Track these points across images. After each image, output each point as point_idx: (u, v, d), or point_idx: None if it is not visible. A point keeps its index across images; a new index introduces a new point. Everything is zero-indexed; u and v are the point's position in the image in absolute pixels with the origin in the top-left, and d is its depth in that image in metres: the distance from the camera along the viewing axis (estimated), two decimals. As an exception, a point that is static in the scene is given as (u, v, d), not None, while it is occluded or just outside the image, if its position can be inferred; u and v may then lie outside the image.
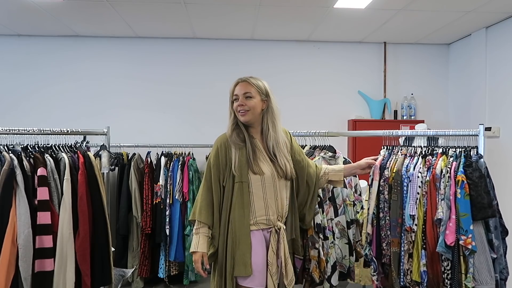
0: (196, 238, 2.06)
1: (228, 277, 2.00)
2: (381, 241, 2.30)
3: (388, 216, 2.28)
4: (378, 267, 2.35)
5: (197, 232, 2.07)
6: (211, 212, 2.06)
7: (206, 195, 2.08)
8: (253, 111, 2.07)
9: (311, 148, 2.78)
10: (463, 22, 3.95)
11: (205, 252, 2.05)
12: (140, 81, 4.61)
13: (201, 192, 2.11)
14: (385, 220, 2.29)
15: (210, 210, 2.06)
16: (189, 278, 3.91)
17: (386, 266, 2.31)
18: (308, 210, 2.27)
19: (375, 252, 2.33)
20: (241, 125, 2.11)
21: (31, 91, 4.52)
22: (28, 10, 3.68)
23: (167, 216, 3.76)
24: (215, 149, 2.11)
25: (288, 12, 3.73)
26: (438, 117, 4.76)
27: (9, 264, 2.16)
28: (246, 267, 1.97)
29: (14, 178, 2.23)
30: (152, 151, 4.05)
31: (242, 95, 2.08)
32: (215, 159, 2.09)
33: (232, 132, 2.10)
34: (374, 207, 2.33)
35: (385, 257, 2.28)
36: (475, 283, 2.00)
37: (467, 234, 1.96)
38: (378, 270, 2.35)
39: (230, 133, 2.10)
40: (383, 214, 2.30)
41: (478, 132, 2.21)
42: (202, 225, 2.06)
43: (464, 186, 2.00)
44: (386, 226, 2.28)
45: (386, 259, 2.27)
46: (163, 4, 3.55)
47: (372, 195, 2.35)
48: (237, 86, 2.11)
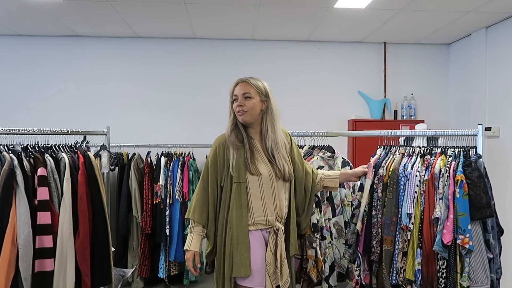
0: (190, 237, 2.08)
1: (226, 278, 2.01)
2: (371, 238, 2.30)
3: (381, 214, 2.29)
4: (364, 263, 2.36)
5: (191, 230, 2.08)
6: (206, 212, 2.07)
7: (202, 195, 2.09)
8: (252, 111, 2.07)
9: (310, 148, 2.78)
10: (463, 22, 3.95)
11: (197, 251, 2.07)
12: (140, 81, 4.61)
13: (197, 192, 2.12)
14: (377, 218, 2.29)
15: (205, 209, 2.07)
16: (189, 278, 3.91)
17: (375, 263, 2.32)
18: (305, 217, 2.27)
19: (362, 248, 2.35)
20: (240, 125, 2.11)
21: (31, 91, 4.52)
22: (28, 10, 3.69)
23: (167, 216, 3.76)
24: (213, 149, 2.12)
25: (288, 12, 3.73)
26: (438, 117, 4.76)
27: (9, 264, 2.17)
28: (245, 267, 1.97)
29: (14, 178, 2.24)
30: (152, 151, 4.05)
31: (241, 95, 2.07)
32: (213, 159, 2.10)
33: (230, 133, 2.10)
34: (366, 205, 2.34)
35: (374, 254, 2.29)
36: (470, 282, 2.01)
37: (465, 233, 1.97)
38: (363, 267, 2.37)
39: (229, 134, 2.10)
40: (376, 212, 2.31)
41: (477, 132, 2.21)
42: (196, 224, 2.07)
43: (463, 185, 2.01)
44: (378, 224, 2.29)
45: (375, 257, 2.28)
46: (163, 4, 3.55)
47: (364, 193, 2.35)
48: (237, 86, 2.11)
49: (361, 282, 2.36)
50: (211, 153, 2.12)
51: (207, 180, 2.10)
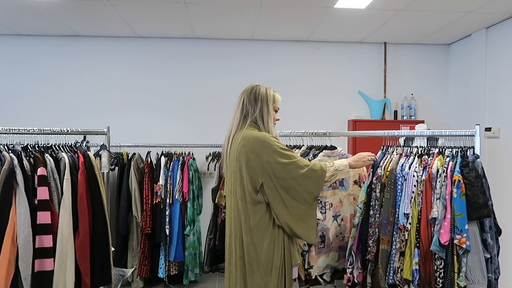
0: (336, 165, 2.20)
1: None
2: (368, 238, 2.31)
3: (379, 213, 2.29)
4: (357, 262, 2.38)
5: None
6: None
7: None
8: None
9: (308, 149, 2.79)
10: (463, 22, 3.95)
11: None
12: (140, 80, 4.61)
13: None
14: (375, 217, 2.31)
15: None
16: (188, 278, 3.92)
17: (371, 263, 2.33)
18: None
19: (356, 247, 2.38)
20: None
21: (31, 90, 4.53)
22: (28, 10, 3.69)
23: (167, 216, 3.76)
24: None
25: (288, 12, 3.73)
26: (438, 117, 4.76)
27: (9, 263, 2.17)
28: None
29: (14, 178, 2.24)
30: (152, 151, 4.05)
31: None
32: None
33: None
34: (362, 204, 2.37)
35: (370, 254, 2.30)
36: (467, 282, 2.02)
37: (462, 233, 1.98)
38: (356, 265, 2.38)
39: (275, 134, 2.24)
40: (373, 212, 2.32)
41: (475, 133, 2.22)
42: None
43: (461, 185, 2.02)
44: (375, 224, 2.30)
45: (371, 256, 2.29)
46: (163, 4, 3.56)
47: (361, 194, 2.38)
48: (280, 100, 2.28)
49: (353, 280, 2.38)
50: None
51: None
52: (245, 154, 2.08)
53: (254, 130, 2.14)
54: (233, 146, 2.17)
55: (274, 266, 2.08)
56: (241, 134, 2.14)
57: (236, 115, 2.22)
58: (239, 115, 2.21)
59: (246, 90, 2.25)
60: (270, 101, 2.20)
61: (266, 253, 2.07)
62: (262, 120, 2.17)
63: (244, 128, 2.15)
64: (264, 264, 2.07)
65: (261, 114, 2.17)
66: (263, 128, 2.16)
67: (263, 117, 2.17)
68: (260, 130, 2.16)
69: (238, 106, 2.23)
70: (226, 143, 2.24)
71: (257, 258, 2.08)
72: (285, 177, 2.06)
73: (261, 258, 2.07)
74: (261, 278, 2.07)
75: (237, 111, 2.23)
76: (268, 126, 2.17)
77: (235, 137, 2.18)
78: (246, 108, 2.19)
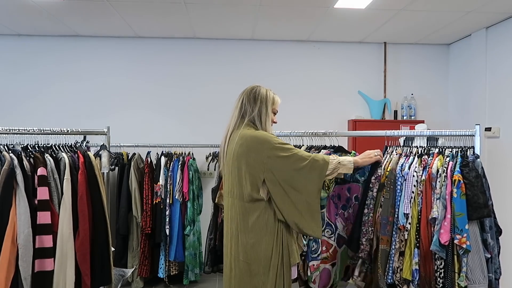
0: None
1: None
2: (361, 236, 2.33)
3: (373, 213, 2.30)
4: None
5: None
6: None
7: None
8: None
9: (307, 149, 2.78)
10: (463, 22, 3.95)
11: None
12: (140, 81, 4.61)
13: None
14: (368, 216, 2.31)
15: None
16: (189, 278, 3.92)
17: (365, 261, 2.34)
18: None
19: (348, 245, 2.40)
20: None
21: (31, 90, 4.53)
22: (28, 10, 3.69)
23: (167, 216, 3.77)
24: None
25: (288, 12, 3.73)
26: (438, 117, 4.76)
27: (9, 263, 2.17)
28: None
29: (14, 178, 2.24)
30: (152, 151, 4.06)
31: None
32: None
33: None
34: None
35: (363, 252, 2.30)
36: (468, 282, 2.02)
37: (462, 233, 1.98)
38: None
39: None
40: (367, 211, 2.32)
41: (475, 133, 2.22)
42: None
43: (461, 185, 2.02)
44: (369, 223, 2.30)
45: (364, 254, 2.30)
46: (163, 4, 3.56)
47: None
48: (279, 103, 2.27)
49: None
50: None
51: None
52: (244, 154, 2.08)
53: (251, 130, 2.15)
54: (230, 146, 2.17)
55: (272, 265, 2.07)
56: (238, 133, 2.14)
57: (235, 114, 2.22)
58: (237, 114, 2.20)
59: (246, 90, 2.25)
60: (269, 102, 2.20)
61: (264, 251, 2.06)
62: (260, 120, 2.17)
63: (241, 127, 2.16)
64: (262, 262, 2.06)
65: (259, 114, 2.17)
66: (260, 128, 2.17)
67: (261, 117, 2.17)
68: (257, 129, 2.16)
69: (237, 106, 2.23)
70: (223, 142, 2.24)
71: (254, 257, 2.07)
72: (287, 170, 2.06)
73: (259, 256, 2.06)
74: (259, 277, 2.06)
75: (235, 110, 2.23)
76: (265, 126, 2.17)
77: (232, 136, 2.18)
78: (244, 108, 2.19)
